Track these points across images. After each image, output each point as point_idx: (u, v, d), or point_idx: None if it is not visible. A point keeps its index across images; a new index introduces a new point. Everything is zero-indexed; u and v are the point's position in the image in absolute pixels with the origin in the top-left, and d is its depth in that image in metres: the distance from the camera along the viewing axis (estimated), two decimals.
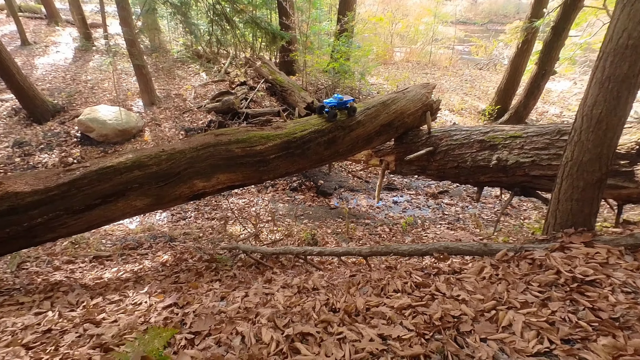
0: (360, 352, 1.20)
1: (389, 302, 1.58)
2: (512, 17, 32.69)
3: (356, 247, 2.67)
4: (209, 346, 1.37)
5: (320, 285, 2.14)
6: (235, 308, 1.85)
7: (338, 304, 1.69)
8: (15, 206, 2.50)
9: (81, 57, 12.56)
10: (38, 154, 7.35)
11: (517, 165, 3.44)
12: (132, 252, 4.71)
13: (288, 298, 1.98)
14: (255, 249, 3.23)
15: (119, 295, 2.35)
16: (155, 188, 3.07)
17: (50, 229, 2.69)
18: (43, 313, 2.10)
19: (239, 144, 3.43)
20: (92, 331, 1.71)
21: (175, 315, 1.86)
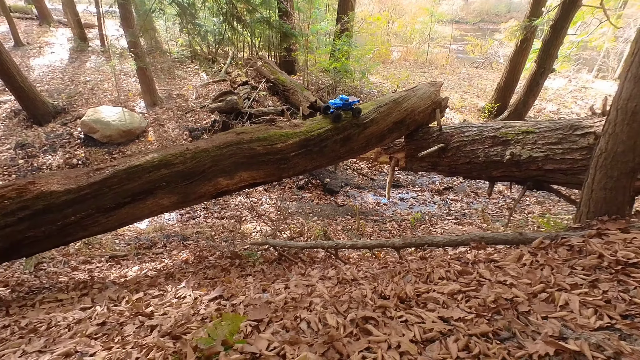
0: (429, 332, 1.28)
1: (438, 289, 1.66)
2: (503, 17, 33.09)
3: (389, 239, 2.74)
4: (277, 331, 1.43)
5: (358, 276, 2.21)
6: (283, 298, 1.92)
7: (386, 291, 1.77)
8: (50, 205, 2.53)
9: (77, 57, 12.47)
10: (42, 156, 7.30)
11: (530, 159, 3.55)
12: (147, 252, 4.75)
13: (331, 288, 2.05)
14: (286, 244, 3.29)
15: (158, 290, 2.40)
16: (181, 186, 3.11)
17: (82, 228, 2.73)
18: (89, 308, 2.14)
19: (260, 142, 3.49)
20: (149, 322, 1.76)
21: (224, 306, 1.93)
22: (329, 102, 4.08)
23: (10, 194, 2.45)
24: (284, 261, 3.57)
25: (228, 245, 4.74)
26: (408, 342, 1.22)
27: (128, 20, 8.06)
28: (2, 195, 2.43)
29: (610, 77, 12.12)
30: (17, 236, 2.46)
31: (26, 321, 1.95)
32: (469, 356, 1.12)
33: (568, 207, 6.31)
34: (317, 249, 3.08)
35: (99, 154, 7.43)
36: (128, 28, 8.02)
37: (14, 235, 2.45)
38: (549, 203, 6.48)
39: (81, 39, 13.27)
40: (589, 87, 11.15)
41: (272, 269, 3.12)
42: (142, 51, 8.27)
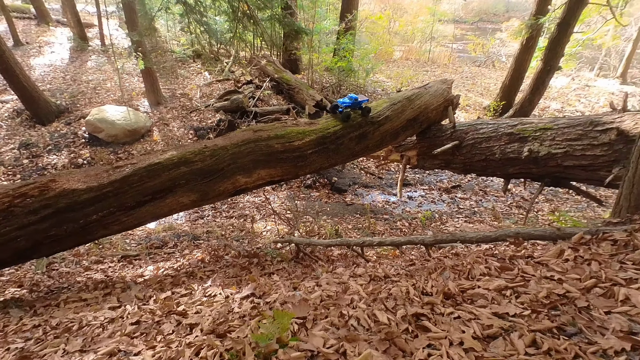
0: (488, 328, 1.25)
1: (482, 285, 1.63)
2: (502, 16, 33.21)
3: (418, 236, 2.71)
4: (326, 328, 1.40)
5: (390, 273, 2.19)
6: (318, 296, 1.89)
7: (427, 288, 1.74)
8: (72, 203, 2.49)
9: (78, 57, 12.41)
10: (46, 156, 7.23)
11: (549, 156, 3.54)
12: (158, 251, 4.71)
13: (364, 286, 2.02)
14: (310, 242, 3.26)
15: (184, 289, 2.36)
16: (201, 184, 3.08)
17: (103, 226, 2.69)
18: (118, 307, 2.10)
19: (278, 139, 3.46)
20: (186, 321, 1.73)
21: (258, 304, 1.89)
22: (337, 101, 4.00)
23: (33, 192, 2.40)
24: (302, 259, 3.54)
25: (243, 245, 4.71)
26: (470, 338, 1.19)
27: (132, 20, 8.00)
28: (24, 193, 2.39)
29: (612, 75, 12.17)
30: (39, 235, 2.42)
31: (56, 321, 1.91)
32: (538, 352, 1.10)
33: (577, 205, 6.32)
34: (342, 246, 3.05)
35: (104, 153, 7.36)
36: (132, 28, 7.96)
37: (36, 234, 2.41)
38: (558, 201, 6.48)
39: (81, 38, 13.21)
40: (592, 85, 11.19)
41: (293, 267, 3.09)
42: (147, 51, 8.20)
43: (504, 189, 4.30)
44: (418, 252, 3.47)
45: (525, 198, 6.57)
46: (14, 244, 2.34)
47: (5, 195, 2.34)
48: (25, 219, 2.35)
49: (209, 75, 10.63)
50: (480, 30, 22.96)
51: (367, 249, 3.88)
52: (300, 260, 3.51)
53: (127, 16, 7.98)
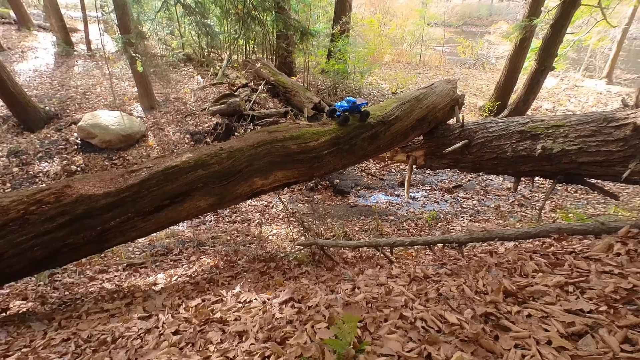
0: (570, 325, 1.21)
1: (540, 281, 1.59)
2: (485, 19, 33.93)
3: (452, 234, 2.65)
4: (393, 331, 1.34)
5: (429, 273, 2.14)
6: (362, 298, 1.82)
7: (479, 287, 1.70)
8: (89, 209, 2.37)
9: (63, 62, 12.13)
10: (37, 163, 6.97)
11: (562, 153, 3.56)
12: (164, 259, 4.57)
13: (407, 286, 1.97)
14: (337, 244, 3.18)
15: (213, 295, 2.26)
16: (218, 187, 2.98)
17: (121, 233, 2.56)
18: (148, 317, 1.99)
19: (294, 140, 3.39)
20: (231, 328, 1.64)
21: (301, 309, 1.82)
22: (335, 104, 3.88)
23: (49, 199, 2.27)
24: (318, 262, 3.46)
25: (251, 249, 4.61)
26: (557, 336, 1.14)
27: (125, 24, 7.82)
28: (39, 200, 2.25)
29: (598, 76, 12.50)
30: (57, 243, 2.29)
31: (86, 333, 1.79)
32: (635, 350, 1.05)
33: (577, 201, 6.41)
34: (371, 247, 2.98)
35: (99, 159, 7.15)
36: (125, 31, 7.77)
37: (53, 243, 2.27)
38: (558, 198, 6.57)
39: (66, 43, 12.93)
40: (580, 85, 11.47)
41: (316, 270, 3.01)
42: (142, 54, 8.02)
43: (515, 187, 4.31)
44: (439, 253, 3.43)
45: (527, 196, 6.64)
46: (30, 254, 2.20)
47: (20, 203, 2.20)
48: (41, 227, 2.22)
49: (202, 79, 10.48)
50: (465, 34, 23.34)
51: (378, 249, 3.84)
52: (317, 263, 3.43)
53: (120, 20, 7.79)
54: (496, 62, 13.58)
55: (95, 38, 13.72)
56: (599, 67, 12.51)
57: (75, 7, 18.91)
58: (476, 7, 35.21)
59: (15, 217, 2.16)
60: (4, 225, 2.13)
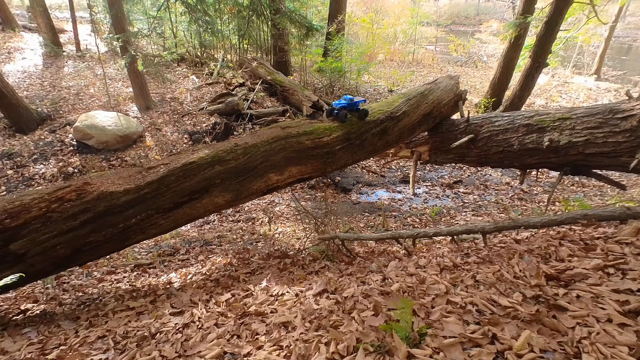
0: (625, 304, 1.24)
1: (578, 265, 1.62)
2: (473, 19, 34.35)
3: (476, 224, 2.66)
4: (446, 315, 1.35)
5: (458, 262, 2.16)
6: (398, 288, 1.83)
7: (517, 272, 1.72)
8: (111, 206, 2.33)
9: (52, 63, 11.91)
10: (32, 165, 6.82)
11: (570, 145, 3.62)
12: (171, 259, 4.53)
13: (439, 275, 1.98)
14: (359, 237, 3.18)
15: (241, 290, 2.24)
16: (235, 183, 2.96)
17: (141, 230, 2.53)
18: (179, 313, 1.97)
19: (307, 135, 3.39)
20: (274, 320, 1.64)
21: (337, 300, 1.82)
22: (332, 103, 3.85)
23: (70, 196, 2.23)
24: (333, 257, 3.46)
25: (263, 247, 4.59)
26: (617, 314, 1.17)
27: (119, 24, 7.70)
28: (61, 197, 2.21)
29: (586, 72, 12.78)
30: (79, 241, 2.24)
31: (121, 330, 1.76)
32: None
33: (574, 193, 6.53)
34: (395, 239, 2.98)
35: (96, 161, 7.02)
36: (119, 31, 7.66)
37: (76, 241, 2.23)
38: (556, 191, 6.68)
39: (54, 43, 12.69)
40: (570, 82, 11.71)
41: (334, 264, 3.02)
42: (137, 53, 7.91)
43: (522, 179, 4.38)
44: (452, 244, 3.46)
45: (525, 190, 6.75)
46: (53, 252, 2.15)
47: (42, 200, 2.15)
48: (64, 225, 2.17)
49: (197, 79, 10.39)
50: (453, 33, 23.64)
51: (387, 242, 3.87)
52: (332, 257, 3.43)
53: (114, 20, 7.67)
54: (488, 59, 13.81)
55: (83, 39, 13.50)
56: (587, 64, 12.81)
57: (60, 7, 18.57)
58: (464, 6, 35.63)
59: (38, 215, 2.11)
60: (26, 224, 2.08)
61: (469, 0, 39.34)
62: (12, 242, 2.02)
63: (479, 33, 15.06)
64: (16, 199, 2.12)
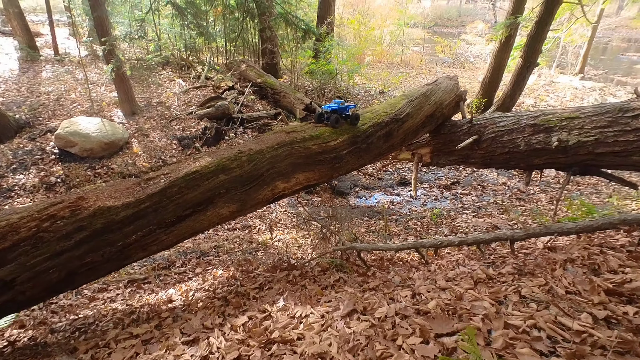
0: None
1: (634, 277, 1.51)
2: (455, 20, 34.85)
3: (505, 231, 2.53)
4: (511, 344, 1.20)
5: (491, 274, 2.02)
6: (435, 306, 1.68)
7: (566, 286, 1.59)
8: (109, 223, 2.11)
9: (29, 67, 11.40)
10: (11, 176, 6.43)
11: (579, 144, 3.56)
12: (167, 272, 4.29)
13: (475, 290, 1.84)
14: (377, 247, 3.02)
15: (257, 311, 2.05)
16: (240, 193, 2.77)
17: (142, 247, 2.31)
18: (192, 342, 1.77)
19: (313, 140, 3.22)
20: (307, 349, 1.46)
21: (371, 323, 1.65)
22: (322, 107, 3.64)
23: (63, 213, 2.00)
24: (343, 268, 3.30)
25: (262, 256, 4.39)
26: None
27: (103, 27, 7.38)
28: (53, 215, 1.97)
29: (570, 72, 13.01)
30: (74, 263, 2.01)
31: None
32: None
33: (570, 193, 6.55)
34: (415, 249, 2.83)
35: (80, 170, 6.67)
36: (103, 34, 7.33)
37: (70, 263, 2.00)
38: (552, 191, 6.69)
39: (31, 47, 12.19)
40: (556, 81, 11.89)
41: (351, 277, 2.85)
42: (121, 59, 7.60)
43: (527, 180, 4.31)
44: (467, 251, 3.35)
45: (522, 190, 6.74)
46: (45, 277, 1.92)
47: (31, 219, 1.92)
48: (57, 246, 1.94)
49: (184, 83, 10.09)
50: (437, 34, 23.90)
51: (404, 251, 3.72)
52: (342, 268, 3.26)
53: (97, 23, 7.34)
54: (474, 60, 13.93)
55: (60, 42, 13.02)
56: (571, 63, 13.05)
57: (34, 10, 17.91)
58: (446, 8, 36.12)
59: (27, 236, 1.88)
60: (15, 246, 1.84)
61: (451, 3, 39.95)
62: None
63: (464, 34, 15.20)
64: (2, 219, 1.88)
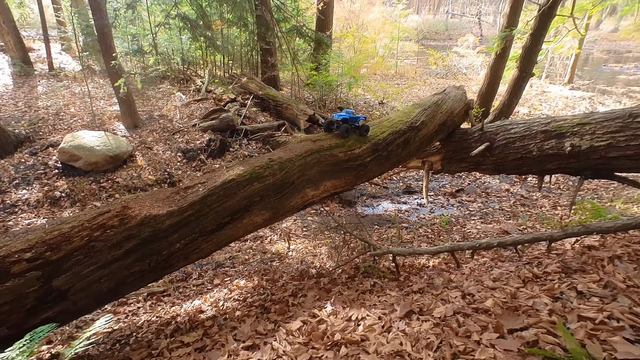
0: None
1: None
2: (442, 34, 35.70)
3: (543, 231, 2.58)
4: (592, 334, 1.25)
5: (537, 273, 2.07)
6: (493, 304, 1.73)
7: (622, 280, 1.65)
8: (156, 232, 2.10)
9: (24, 82, 11.32)
10: (14, 191, 6.31)
11: (591, 149, 3.69)
12: (185, 284, 4.24)
13: (529, 288, 1.89)
14: (415, 251, 3.04)
15: (309, 316, 2.05)
16: (274, 200, 2.79)
17: (184, 256, 2.30)
18: (253, 347, 1.77)
19: (339, 148, 3.28)
20: (382, 349, 1.48)
21: (432, 322, 1.68)
22: (333, 115, 3.62)
23: (113, 222, 1.99)
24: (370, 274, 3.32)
25: (278, 266, 4.39)
26: None
27: (106, 41, 7.40)
28: (102, 224, 1.97)
29: (559, 82, 13.45)
30: (123, 273, 2.00)
31: None
32: None
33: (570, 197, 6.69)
34: (452, 252, 2.86)
35: (85, 184, 6.59)
36: (107, 49, 7.36)
37: (120, 272, 1.98)
38: (554, 196, 6.85)
39: (24, 62, 12.13)
40: (547, 91, 12.27)
41: (386, 282, 2.87)
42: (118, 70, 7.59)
43: (539, 185, 4.41)
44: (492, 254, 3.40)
45: (525, 196, 6.88)
46: (97, 287, 1.90)
47: (82, 229, 1.90)
48: (108, 255, 1.93)
49: (184, 96, 10.10)
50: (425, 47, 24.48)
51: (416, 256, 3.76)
52: (370, 274, 3.28)
53: (101, 38, 7.35)
54: (467, 71, 14.32)
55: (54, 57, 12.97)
56: (560, 74, 13.50)
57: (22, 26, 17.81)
58: (433, 22, 37.02)
59: (80, 245, 1.87)
60: (68, 256, 1.82)
61: (437, 17, 41.00)
62: (54, 277, 1.76)
63: (455, 47, 15.64)
64: (53, 229, 1.87)
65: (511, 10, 8.38)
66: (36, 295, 1.71)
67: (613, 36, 30.94)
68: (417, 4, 40.85)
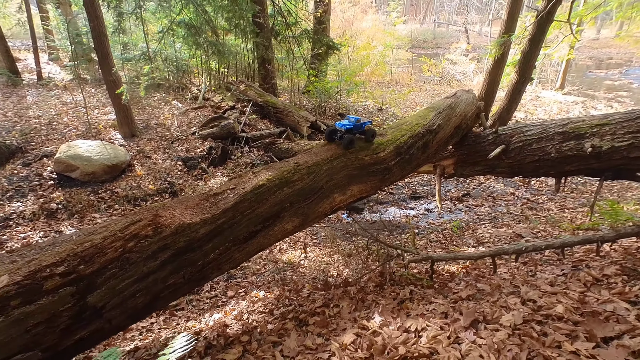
0: None
1: None
2: (430, 42, 36.24)
3: (595, 233, 2.51)
4: None
5: (597, 276, 1.99)
6: (564, 310, 1.63)
7: None
8: (191, 241, 1.95)
9: (12, 92, 11.03)
10: (8, 203, 6.02)
11: (612, 150, 3.66)
12: (197, 297, 4.07)
13: (595, 292, 1.80)
14: (456, 256, 2.93)
15: (358, 327, 1.92)
16: (303, 206, 2.66)
17: (217, 267, 2.15)
18: None
19: (365, 151, 3.18)
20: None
21: (505, 332, 1.57)
22: (335, 124, 3.25)
23: (147, 232, 1.84)
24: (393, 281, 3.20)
25: (292, 275, 4.24)
26: None
27: (103, 48, 7.21)
28: (136, 233, 1.81)
29: (551, 87, 13.69)
30: (158, 286, 1.83)
31: None
32: None
33: (576, 200, 6.72)
34: (496, 256, 2.76)
35: (82, 194, 6.34)
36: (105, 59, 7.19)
37: (155, 285, 1.82)
38: (559, 199, 6.86)
39: (12, 72, 11.86)
40: (541, 96, 12.46)
41: (421, 290, 2.76)
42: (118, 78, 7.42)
43: (557, 188, 4.38)
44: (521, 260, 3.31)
45: (531, 199, 6.87)
46: (132, 302, 1.73)
47: (115, 239, 1.74)
48: (144, 267, 1.77)
49: (180, 104, 9.92)
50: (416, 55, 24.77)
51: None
52: (397, 283, 3.16)
53: (98, 46, 7.17)
54: (460, 78, 14.49)
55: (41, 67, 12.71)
56: (552, 79, 13.75)
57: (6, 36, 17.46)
58: (421, 31, 37.60)
59: (114, 257, 1.70)
60: (103, 269, 1.66)
61: (424, 26, 41.70)
62: (89, 293, 1.59)
63: (448, 54, 15.86)
64: (84, 239, 1.70)
65: (508, 17, 8.49)
66: (70, 314, 1.54)
67: (595, 43, 31.88)
68: (404, 12, 41.54)
